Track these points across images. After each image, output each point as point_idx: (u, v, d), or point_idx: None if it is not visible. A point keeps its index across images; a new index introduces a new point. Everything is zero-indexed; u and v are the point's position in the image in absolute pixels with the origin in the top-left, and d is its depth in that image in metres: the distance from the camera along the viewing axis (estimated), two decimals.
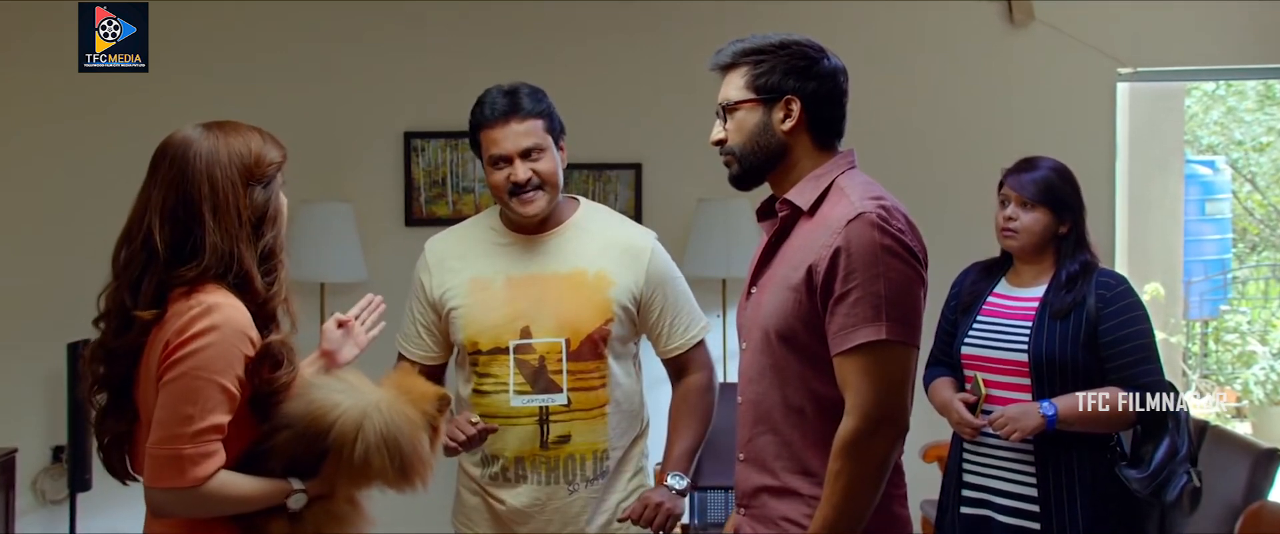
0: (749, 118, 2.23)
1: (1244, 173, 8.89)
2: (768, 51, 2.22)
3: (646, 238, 2.90)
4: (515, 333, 2.74)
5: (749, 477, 2.29)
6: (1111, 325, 2.99)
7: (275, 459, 2.05)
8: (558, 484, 2.76)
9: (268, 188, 2.10)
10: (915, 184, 4.80)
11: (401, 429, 2.08)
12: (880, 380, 2.07)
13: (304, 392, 2.08)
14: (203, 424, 1.96)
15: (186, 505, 1.99)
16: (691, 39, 4.73)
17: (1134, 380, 2.97)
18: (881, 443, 2.08)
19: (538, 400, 2.74)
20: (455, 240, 2.90)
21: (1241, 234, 8.79)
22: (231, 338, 1.98)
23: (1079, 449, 2.99)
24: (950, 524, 3.19)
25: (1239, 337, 8.20)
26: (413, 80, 5.05)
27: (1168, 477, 2.96)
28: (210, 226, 2.02)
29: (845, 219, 2.11)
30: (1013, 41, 5.03)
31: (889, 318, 2.06)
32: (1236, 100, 8.81)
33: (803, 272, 2.14)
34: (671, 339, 2.87)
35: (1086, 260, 3.09)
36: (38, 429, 4.88)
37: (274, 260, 2.12)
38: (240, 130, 2.12)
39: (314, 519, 2.08)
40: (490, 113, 2.74)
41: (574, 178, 4.97)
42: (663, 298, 2.84)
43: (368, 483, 2.10)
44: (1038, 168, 3.14)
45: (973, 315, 3.18)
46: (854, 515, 2.10)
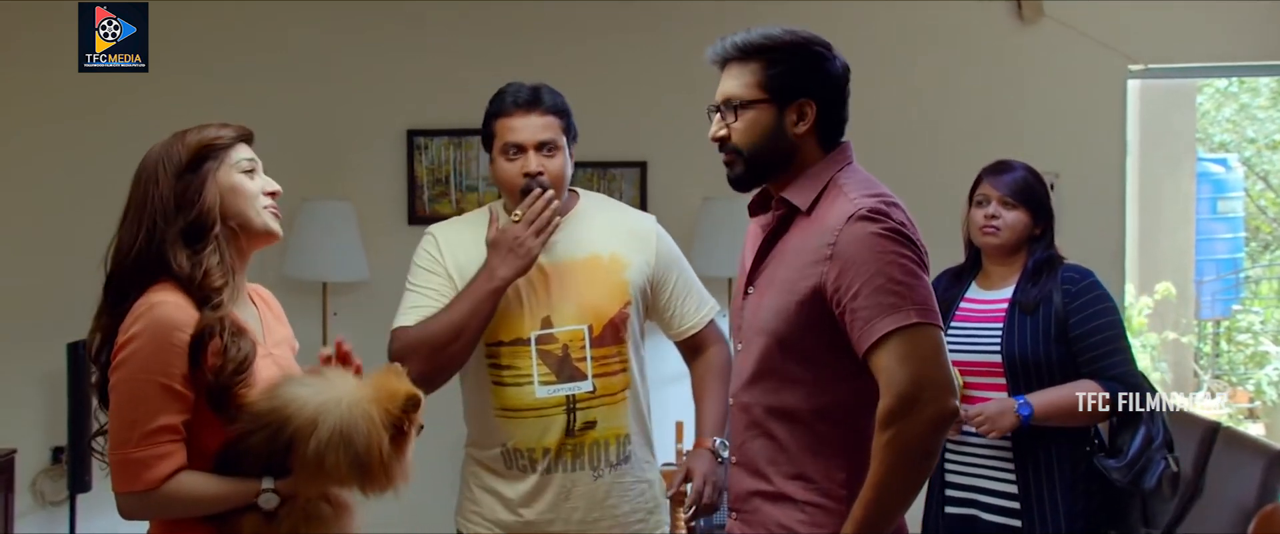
0: (761, 118, 2.18)
1: (1257, 171, 8.84)
2: (782, 49, 2.17)
3: (650, 220, 2.95)
4: (536, 323, 2.73)
5: (741, 481, 2.26)
6: (1080, 319, 3.03)
7: (250, 459, 2.02)
8: (583, 471, 2.76)
9: (199, 169, 2.09)
10: (923, 183, 4.76)
11: (356, 426, 2.01)
12: (909, 360, 2.01)
13: (274, 388, 2.05)
14: (150, 426, 1.96)
15: (149, 508, 2.02)
16: (697, 37, 4.65)
17: (1106, 372, 3.02)
18: (918, 422, 2.00)
19: (564, 390, 2.73)
20: (466, 230, 2.83)
21: (1254, 233, 8.74)
22: (164, 336, 1.98)
23: (1057, 443, 3.03)
24: (935, 525, 3.20)
25: (1251, 337, 8.16)
26: (416, 78, 5.03)
27: (1146, 464, 3.01)
28: (127, 226, 2.07)
29: (843, 217, 2.08)
30: (1022, 39, 5.00)
31: (907, 302, 2.03)
32: (1249, 97, 8.76)
33: (810, 279, 2.10)
34: (686, 319, 2.90)
35: (1051, 255, 3.14)
36: (37, 430, 4.87)
37: (205, 236, 2.08)
38: (196, 127, 2.14)
39: (289, 519, 2.05)
40: (513, 101, 2.73)
41: (579, 176, 4.95)
42: (674, 278, 2.88)
43: (328, 481, 2.05)
44: (1015, 169, 3.21)
45: (946, 321, 3.17)
46: (893, 498, 2.04)
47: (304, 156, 4.88)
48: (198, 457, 2.03)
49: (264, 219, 2.15)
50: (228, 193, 2.10)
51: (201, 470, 2.02)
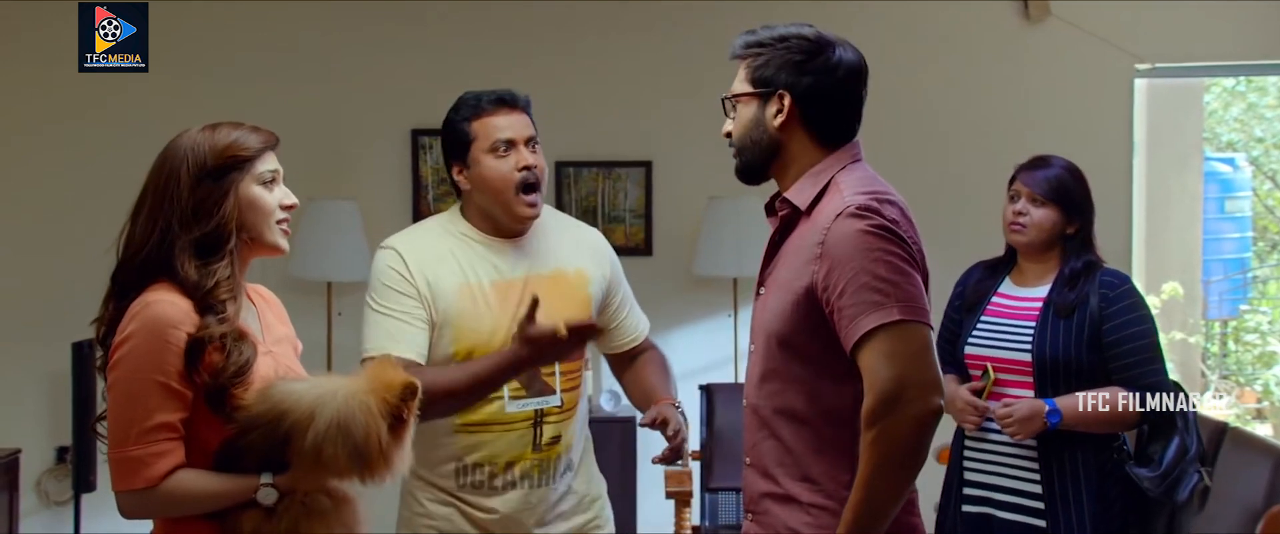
0: (746, 111, 2.21)
1: (1265, 170, 8.80)
2: (766, 45, 2.19)
3: (598, 234, 2.93)
4: (506, 338, 2.65)
5: (754, 482, 2.25)
6: (1115, 325, 3.00)
7: (248, 457, 2.02)
8: (547, 485, 2.75)
9: (221, 179, 2.06)
10: (931, 181, 4.76)
11: (354, 417, 2.00)
12: (893, 357, 1.99)
13: (269, 389, 2.05)
14: (148, 424, 1.96)
15: (149, 507, 2.01)
16: (702, 35, 4.69)
17: (1138, 380, 2.99)
18: (902, 421, 1.98)
19: (533, 404, 2.71)
20: (428, 242, 2.73)
21: (1262, 232, 8.69)
22: (160, 334, 1.97)
23: (1083, 448, 3.00)
24: (952, 523, 3.18)
25: (1259, 337, 8.12)
26: (420, 77, 5.02)
27: (1179, 476, 2.99)
28: (141, 219, 2.05)
29: (833, 215, 2.08)
30: (1029, 38, 5.00)
31: (892, 299, 2.01)
32: (1257, 96, 8.72)
33: (804, 278, 2.10)
34: (630, 331, 2.91)
35: (1090, 260, 3.10)
36: (41, 429, 4.89)
37: (220, 250, 2.06)
38: (222, 126, 2.10)
39: (289, 514, 2.04)
40: (490, 101, 2.68)
41: (584, 176, 4.94)
42: (621, 291, 2.88)
43: (327, 473, 2.04)
44: (1051, 165, 3.15)
45: (977, 315, 3.18)
46: (881, 499, 2.02)
47: (308, 156, 4.87)
48: (198, 454, 2.02)
49: (274, 236, 2.14)
50: (247, 207, 2.08)
51: (202, 468, 2.02)
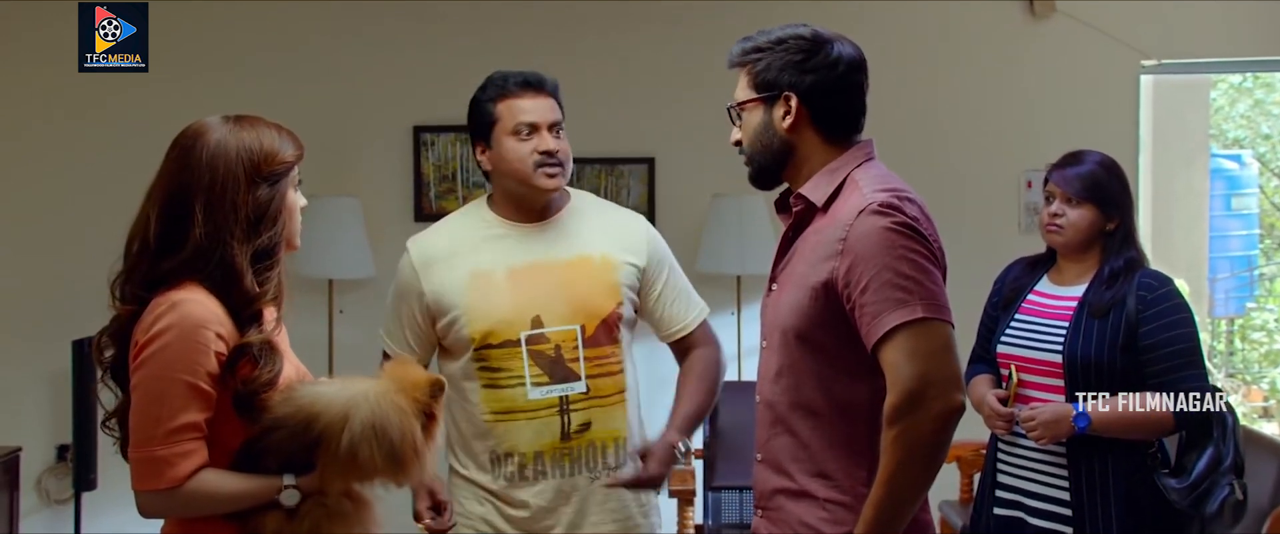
0: (753, 118, 2.21)
1: (1271, 167, 8.79)
2: (765, 48, 2.19)
3: (641, 221, 2.90)
4: (526, 323, 2.68)
5: (767, 478, 2.25)
6: (1152, 328, 2.89)
7: (270, 458, 2.01)
8: (580, 475, 2.72)
9: (275, 185, 2.05)
10: (937, 179, 4.74)
11: (389, 418, 2.01)
12: (916, 355, 1.99)
13: (293, 392, 2.04)
14: (174, 423, 1.93)
15: (171, 506, 1.99)
16: (705, 33, 4.68)
17: (1176, 386, 2.86)
18: (925, 418, 1.98)
19: (557, 390, 2.69)
20: (444, 237, 2.79)
21: (1268, 229, 8.68)
22: (191, 334, 1.94)
23: (1114, 454, 2.91)
24: (984, 525, 3.13)
25: (1266, 334, 8.12)
26: (422, 74, 5.01)
27: (1209, 487, 2.88)
28: (198, 220, 1.99)
29: (855, 212, 2.07)
30: (1034, 34, 4.99)
31: (914, 297, 2.01)
32: (1264, 93, 8.71)
33: (822, 273, 2.10)
34: (676, 321, 2.85)
35: (1132, 257, 3.01)
36: (42, 428, 4.88)
37: (271, 260, 2.06)
38: (257, 124, 2.08)
39: (311, 516, 2.03)
40: (516, 82, 2.71)
41: (587, 173, 4.92)
42: (664, 279, 2.84)
43: (360, 475, 2.04)
44: (1084, 162, 3.06)
45: (1012, 312, 3.11)
46: (903, 495, 2.02)
47: (309, 153, 4.73)
48: (219, 453, 2.01)
49: (298, 239, 2.15)
50: (289, 214, 2.09)
51: (222, 467, 2.00)
